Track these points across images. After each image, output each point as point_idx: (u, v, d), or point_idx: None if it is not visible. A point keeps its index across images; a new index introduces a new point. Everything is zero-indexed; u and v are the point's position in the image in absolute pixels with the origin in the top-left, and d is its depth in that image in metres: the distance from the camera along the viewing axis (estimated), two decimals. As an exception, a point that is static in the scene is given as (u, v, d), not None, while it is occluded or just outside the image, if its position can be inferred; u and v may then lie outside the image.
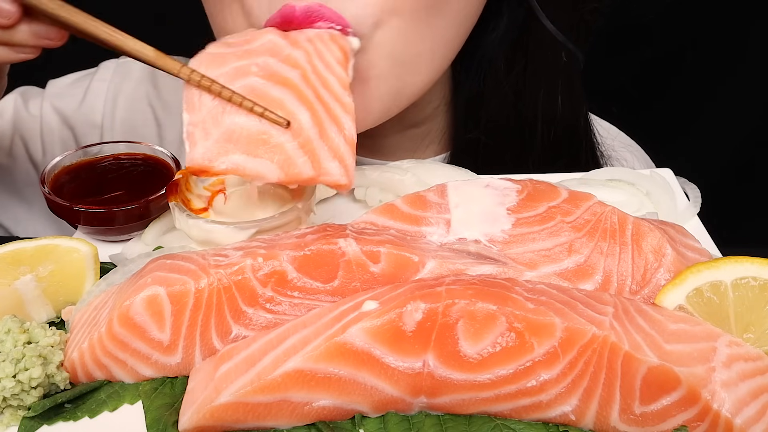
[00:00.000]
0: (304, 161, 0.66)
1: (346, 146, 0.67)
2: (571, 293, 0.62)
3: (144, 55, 0.68)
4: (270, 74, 0.67)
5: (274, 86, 0.67)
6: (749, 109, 1.63)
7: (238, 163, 0.65)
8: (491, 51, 0.93)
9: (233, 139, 0.65)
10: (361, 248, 0.64)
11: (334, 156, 0.67)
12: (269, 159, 0.65)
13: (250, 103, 0.65)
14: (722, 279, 0.62)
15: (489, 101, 0.96)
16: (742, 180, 1.69)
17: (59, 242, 0.69)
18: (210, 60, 0.68)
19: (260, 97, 0.66)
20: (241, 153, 0.65)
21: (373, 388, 0.58)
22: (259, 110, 0.65)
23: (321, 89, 0.68)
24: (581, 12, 0.93)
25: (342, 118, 0.68)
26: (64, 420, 0.60)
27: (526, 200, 0.70)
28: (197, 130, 0.66)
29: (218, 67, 0.67)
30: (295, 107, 0.66)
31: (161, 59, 0.68)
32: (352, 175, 0.67)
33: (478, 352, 0.57)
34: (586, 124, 1.02)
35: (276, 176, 0.65)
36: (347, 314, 0.59)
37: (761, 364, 0.59)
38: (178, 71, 0.66)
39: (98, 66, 1.14)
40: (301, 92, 0.67)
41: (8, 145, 1.07)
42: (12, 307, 0.66)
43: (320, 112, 0.67)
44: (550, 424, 0.59)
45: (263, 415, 0.57)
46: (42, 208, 1.09)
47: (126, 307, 0.60)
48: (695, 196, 0.82)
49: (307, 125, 0.66)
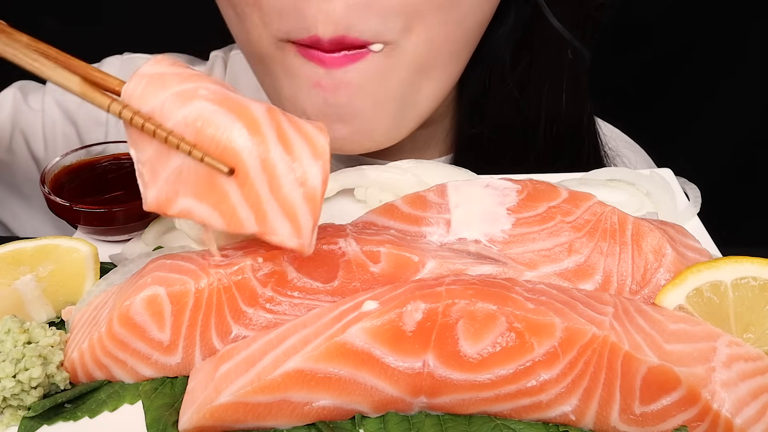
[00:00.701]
0: (248, 215, 0.57)
1: (303, 202, 0.56)
2: (571, 293, 0.62)
3: (69, 88, 0.59)
4: (223, 99, 0.56)
5: (226, 115, 0.56)
6: (749, 109, 1.63)
7: (189, 208, 0.58)
8: (497, 48, 0.93)
9: (182, 180, 0.57)
10: (361, 248, 0.64)
11: (284, 213, 0.56)
12: (213, 206, 0.57)
13: (188, 146, 0.55)
14: (722, 279, 0.62)
15: (494, 97, 0.96)
16: (742, 180, 1.69)
17: (59, 242, 0.69)
18: (148, 82, 0.57)
19: (204, 129, 0.55)
20: (190, 196, 0.57)
21: (373, 388, 0.58)
22: (197, 155, 0.55)
23: (287, 127, 0.57)
24: (587, 8, 0.93)
25: (307, 164, 0.56)
26: (64, 420, 0.60)
27: (526, 200, 0.70)
28: (146, 169, 0.58)
29: (158, 91, 0.56)
30: (243, 147, 0.55)
31: (89, 93, 0.59)
32: (308, 236, 0.57)
33: (478, 352, 0.57)
34: (589, 122, 1.02)
35: (220, 225, 0.58)
36: (347, 314, 0.59)
37: (761, 364, 0.59)
38: (107, 107, 0.57)
39: (101, 62, 1.14)
40: (257, 127, 0.56)
41: (7, 140, 1.07)
42: (12, 307, 0.66)
43: (276, 156, 0.56)
44: (550, 424, 0.59)
45: (263, 415, 0.57)
46: (41, 204, 1.08)
47: (126, 307, 0.60)
48: (695, 196, 0.82)
49: (255, 173, 0.55)
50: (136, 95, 0.57)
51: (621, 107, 1.17)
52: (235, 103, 0.56)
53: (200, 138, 0.56)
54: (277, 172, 0.56)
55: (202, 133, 0.55)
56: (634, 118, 1.17)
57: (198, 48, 1.20)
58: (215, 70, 1.14)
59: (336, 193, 0.83)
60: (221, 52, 1.17)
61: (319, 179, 0.56)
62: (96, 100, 0.58)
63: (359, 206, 0.82)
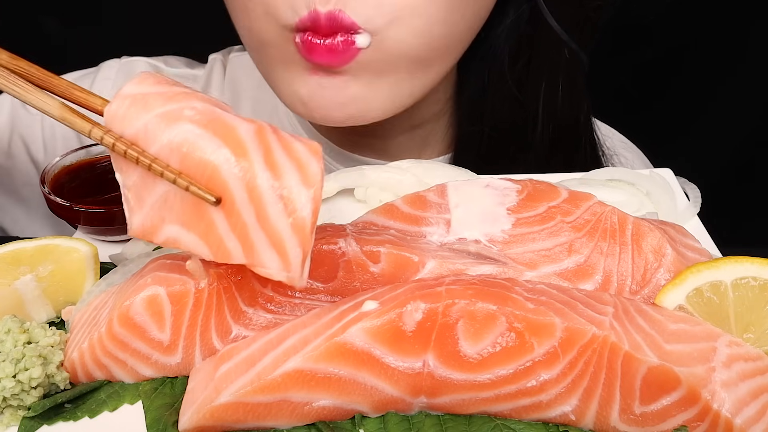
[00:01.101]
0: (236, 246, 0.55)
1: (291, 233, 0.53)
2: (571, 293, 0.62)
3: (48, 113, 0.57)
4: (210, 120, 0.54)
5: (211, 139, 0.53)
6: (749, 109, 1.63)
7: (175, 236, 0.56)
8: (496, 46, 0.94)
9: (168, 207, 0.55)
10: (361, 248, 0.64)
11: (272, 245, 0.54)
12: (201, 236, 0.55)
13: (172, 175, 0.53)
14: (722, 279, 0.62)
15: (492, 96, 0.97)
16: (742, 180, 1.69)
17: (59, 242, 0.69)
18: (131, 103, 0.54)
19: (190, 154, 0.53)
20: (176, 224, 0.55)
21: (373, 388, 0.58)
22: (182, 183, 0.53)
23: (277, 151, 0.54)
24: (586, 9, 0.93)
25: (296, 193, 0.53)
26: (64, 420, 0.60)
27: (526, 200, 0.70)
28: (131, 194, 0.56)
29: (141, 113, 0.54)
30: (230, 175, 0.53)
31: (68, 118, 0.57)
32: (298, 268, 0.55)
33: (478, 352, 0.57)
34: (586, 121, 1.02)
35: (207, 255, 0.56)
36: (347, 314, 0.59)
37: (761, 364, 0.59)
38: (89, 132, 0.56)
39: (99, 66, 1.14)
40: (245, 152, 0.53)
41: (6, 145, 1.07)
42: (12, 307, 0.66)
43: (263, 183, 0.53)
44: (550, 424, 0.59)
45: (263, 415, 0.57)
46: (41, 208, 1.09)
47: (126, 307, 0.60)
48: (695, 196, 0.82)
49: (241, 203, 0.53)
50: (119, 117, 0.54)
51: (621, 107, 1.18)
52: (222, 125, 0.54)
53: (186, 164, 0.53)
54: (264, 201, 0.53)
55: (188, 158, 0.53)
56: (634, 117, 1.17)
57: (197, 50, 1.21)
58: (214, 73, 1.14)
59: (336, 193, 0.83)
60: (220, 54, 1.17)
61: (308, 209, 0.53)
62: (76, 125, 0.56)
63: (359, 206, 0.82)
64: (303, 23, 0.77)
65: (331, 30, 0.77)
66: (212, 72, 1.14)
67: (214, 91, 1.13)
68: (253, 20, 0.81)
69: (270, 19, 0.79)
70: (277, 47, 0.81)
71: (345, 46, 0.78)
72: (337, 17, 0.76)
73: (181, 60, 1.18)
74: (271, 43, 0.82)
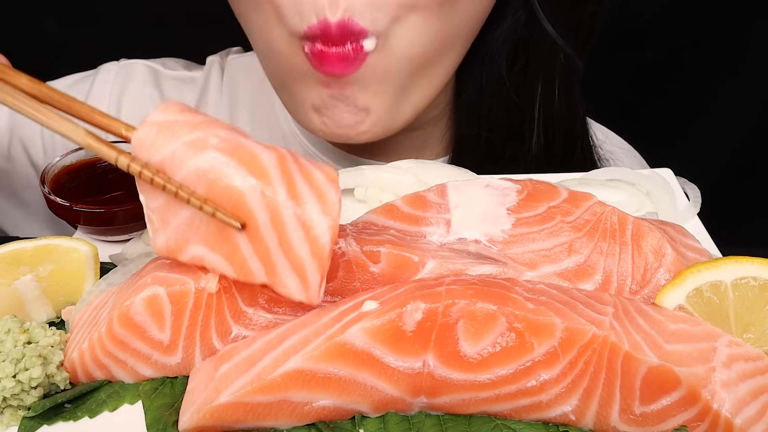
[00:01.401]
0: (258, 267, 0.58)
1: (311, 259, 0.57)
2: (571, 293, 0.62)
3: (73, 140, 0.58)
4: (234, 148, 0.56)
5: (236, 168, 0.56)
6: (749, 109, 1.63)
7: (200, 256, 0.59)
8: (494, 50, 0.95)
9: (193, 229, 0.58)
10: (361, 248, 0.64)
11: (293, 268, 0.57)
12: (225, 256, 0.58)
13: (199, 201, 0.55)
14: (722, 279, 0.62)
15: (490, 98, 0.98)
16: (742, 180, 1.69)
17: (59, 242, 0.69)
18: (158, 130, 0.56)
19: (216, 181, 0.55)
20: (201, 244, 0.58)
21: (373, 388, 0.58)
22: (209, 210, 0.55)
23: (299, 180, 0.57)
24: (581, 14, 0.94)
25: (316, 221, 0.56)
26: (64, 420, 0.60)
27: (526, 200, 0.70)
28: (156, 216, 0.59)
29: (168, 140, 0.56)
30: (255, 202, 0.56)
31: (94, 144, 0.58)
32: (316, 291, 0.58)
33: (478, 352, 0.57)
34: (582, 126, 1.03)
35: (230, 274, 0.59)
36: (347, 314, 0.59)
37: (761, 364, 0.59)
38: (115, 160, 0.57)
39: (97, 68, 1.14)
40: (268, 180, 0.56)
41: (6, 148, 1.07)
42: (12, 307, 0.66)
43: (286, 212, 0.56)
44: (550, 424, 0.59)
45: (263, 415, 0.57)
46: (40, 211, 1.09)
47: (126, 307, 0.60)
48: (695, 196, 0.82)
49: (265, 228, 0.56)
50: (146, 144, 0.56)
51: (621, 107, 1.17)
52: (246, 153, 0.56)
53: (212, 190, 0.56)
54: (287, 229, 0.57)
55: (215, 185, 0.56)
56: (633, 118, 1.17)
57: (196, 51, 1.21)
58: (212, 75, 1.14)
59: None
60: (218, 57, 1.17)
61: (327, 236, 0.57)
62: (102, 153, 0.57)
63: (359, 206, 0.82)
64: (312, 31, 0.77)
65: (342, 38, 0.77)
66: (210, 74, 1.14)
67: (213, 94, 1.13)
68: (261, 25, 0.81)
69: (278, 24, 0.79)
70: (287, 58, 0.81)
71: (355, 53, 0.78)
72: (348, 24, 0.76)
73: (179, 62, 1.18)
74: (281, 53, 0.82)
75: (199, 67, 1.17)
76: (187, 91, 1.12)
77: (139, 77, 1.12)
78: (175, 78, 1.14)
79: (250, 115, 1.11)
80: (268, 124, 1.09)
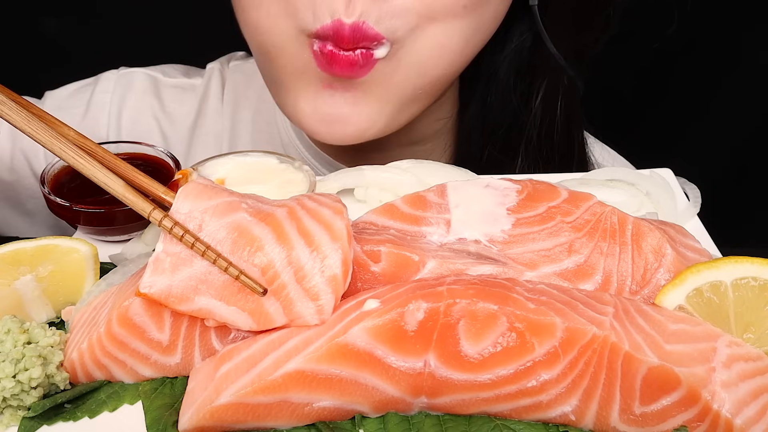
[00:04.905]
0: (276, 309, 0.60)
1: (326, 286, 0.60)
2: (572, 293, 0.62)
3: (113, 189, 0.61)
4: (257, 211, 0.62)
5: (257, 224, 0.61)
6: (749, 109, 1.63)
7: (208, 308, 0.60)
8: (500, 70, 0.97)
9: (207, 282, 0.59)
10: (361, 248, 0.64)
11: (308, 296, 0.60)
12: (241, 307, 0.60)
13: (225, 263, 0.58)
14: (722, 279, 0.62)
15: (494, 116, 0.99)
16: (742, 180, 1.69)
17: (59, 242, 0.69)
18: (199, 191, 0.62)
19: (242, 237, 0.60)
20: (213, 297, 0.60)
21: (374, 388, 0.58)
22: (233, 273, 0.58)
23: (305, 218, 0.62)
24: (584, 40, 0.97)
25: (327, 250, 0.60)
26: (64, 420, 0.60)
27: (526, 200, 0.70)
28: (169, 260, 0.60)
29: (206, 200, 0.61)
30: (271, 247, 0.60)
31: (130, 197, 0.61)
32: (330, 311, 0.60)
33: (479, 352, 0.57)
34: (581, 146, 1.05)
35: (248, 326, 0.60)
36: (349, 314, 0.59)
37: (761, 364, 0.59)
38: (149, 214, 0.60)
39: (97, 77, 1.14)
40: (282, 231, 0.61)
41: (8, 160, 1.07)
42: (12, 307, 0.66)
43: (299, 248, 0.60)
44: (550, 424, 0.59)
45: (263, 415, 0.57)
46: (45, 220, 1.09)
47: (125, 308, 0.60)
48: (695, 196, 0.82)
49: (281, 267, 0.60)
50: (189, 198, 0.61)
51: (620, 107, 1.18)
52: (266, 214, 0.62)
53: (236, 245, 0.60)
54: (300, 261, 0.60)
55: (239, 240, 0.60)
56: (633, 118, 1.17)
57: (196, 56, 1.21)
58: (212, 82, 1.14)
59: (336, 193, 0.83)
60: (218, 63, 1.17)
61: (338, 262, 0.60)
62: (137, 206, 0.61)
63: (359, 206, 0.82)
64: (325, 31, 0.76)
65: (354, 42, 0.76)
66: (210, 82, 1.14)
67: (213, 102, 1.12)
68: (267, 19, 0.80)
69: (288, 19, 0.78)
70: (290, 54, 0.80)
71: (365, 59, 0.77)
72: (362, 29, 0.75)
73: (179, 69, 1.17)
74: (283, 49, 0.80)
75: (199, 73, 1.17)
76: (186, 100, 1.12)
77: (139, 87, 1.12)
78: (175, 86, 1.13)
79: (251, 123, 1.11)
80: (268, 132, 1.09)
